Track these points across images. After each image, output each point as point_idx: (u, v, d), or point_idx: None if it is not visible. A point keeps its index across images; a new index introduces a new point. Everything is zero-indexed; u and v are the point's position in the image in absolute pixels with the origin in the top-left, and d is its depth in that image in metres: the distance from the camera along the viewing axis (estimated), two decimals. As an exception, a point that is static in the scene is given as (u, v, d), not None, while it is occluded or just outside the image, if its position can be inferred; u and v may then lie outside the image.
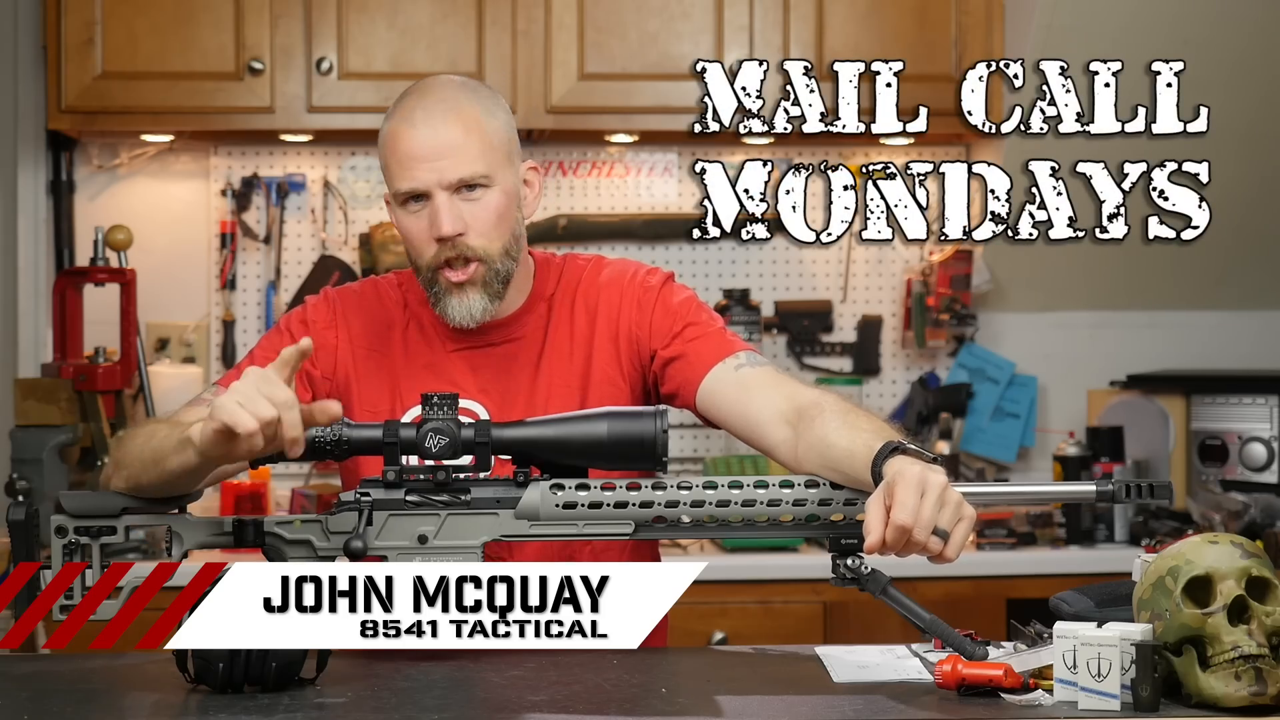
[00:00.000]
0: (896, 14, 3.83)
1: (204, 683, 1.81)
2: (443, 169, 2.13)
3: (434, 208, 2.14)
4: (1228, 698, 1.68)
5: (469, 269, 2.16)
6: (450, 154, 2.14)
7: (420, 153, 2.14)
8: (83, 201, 4.04)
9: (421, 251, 2.17)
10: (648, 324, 2.22)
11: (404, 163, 2.15)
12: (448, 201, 2.14)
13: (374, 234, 4.01)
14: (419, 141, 2.15)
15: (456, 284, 2.16)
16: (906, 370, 4.18)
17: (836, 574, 1.91)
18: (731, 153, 4.01)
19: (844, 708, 1.75)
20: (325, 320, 2.25)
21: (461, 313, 2.17)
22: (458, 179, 2.14)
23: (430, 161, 2.14)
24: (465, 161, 2.14)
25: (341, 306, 2.26)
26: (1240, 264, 4.13)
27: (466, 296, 2.17)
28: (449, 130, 2.15)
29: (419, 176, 2.14)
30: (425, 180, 2.14)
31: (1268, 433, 3.83)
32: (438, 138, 2.14)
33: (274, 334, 2.25)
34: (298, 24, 3.75)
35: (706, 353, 2.17)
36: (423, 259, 2.17)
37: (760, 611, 3.53)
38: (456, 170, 2.14)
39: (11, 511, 1.92)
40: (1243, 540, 1.77)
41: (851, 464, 1.91)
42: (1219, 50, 3.68)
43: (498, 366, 2.22)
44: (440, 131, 2.15)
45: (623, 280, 2.26)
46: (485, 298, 2.17)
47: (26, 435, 3.49)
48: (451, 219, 2.13)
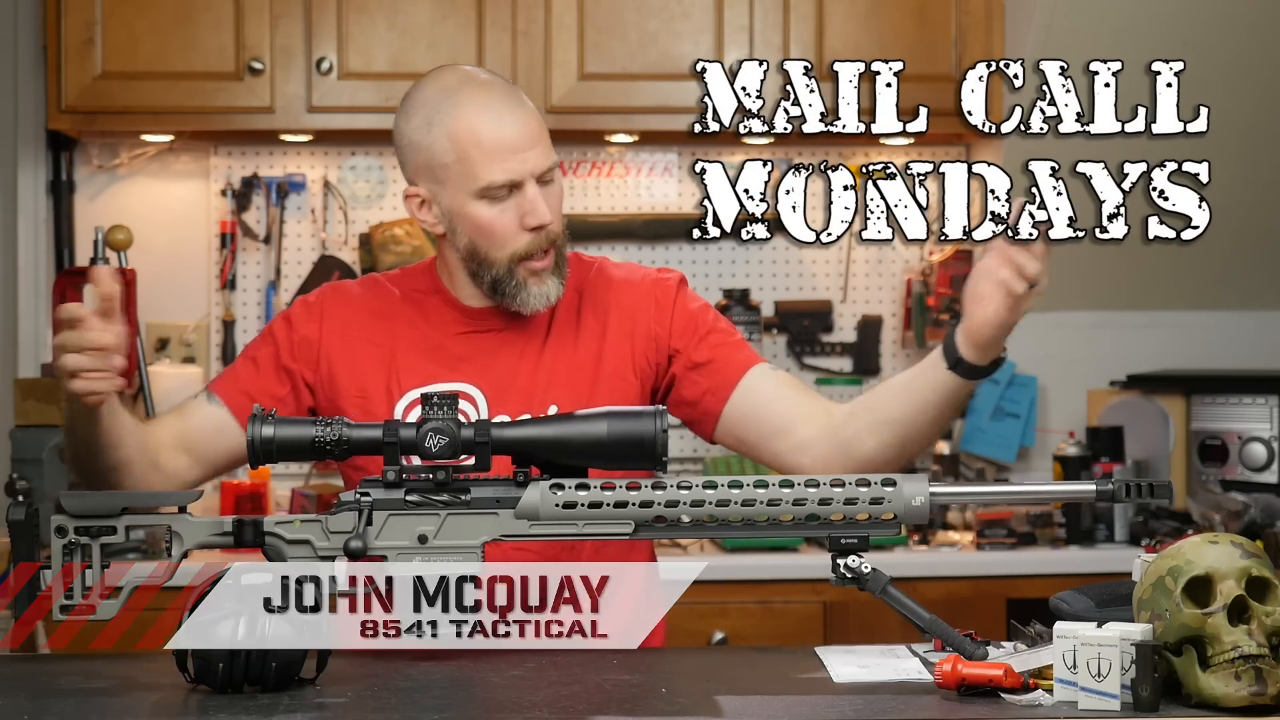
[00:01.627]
0: (896, 14, 3.83)
1: (204, 683, 1.81)
2: (532, 159, 2.18)
3: (528, 198, 2.18)
4: (1228, 698, 1.68)
5: (549, 255, 2.21)
6: (536, 144, 2.19)
7: (512, 143, 2.17)
8: (83, 201, 4.04)
9: (507, 243, 2.19)
10: (668, 323, 2.26)
11: (494, 154, 2.17)
12: (539, 191, 2.18)
13: (374, 234, 4.01)
14: (508, 132, 2.18)
15: (538, 272, 2.20)
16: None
17: (836, 574, 1.91)
18: (731, 153, 4.01)
19: (844, 708, 1.75)
20: (305, 316, 2.28)
21: (541, 299, 2.21)
22: (545, 168, 2.19)
23: (522, 152, 2.17)
24: (547, 151, 2.20)
25: (330, 301, 2.30)
26: (1240, 264, 4.13)
27: (545, 282, 2.21)
28: (529, 121, 2.20)
29: (513, 168, 2.17)
30: (519, 171, 2.17)
31: (1268, 433, 3.83)
32: (523, 128, 2.19)
33: (262, 337, 2.31)
34: (298, 24, 3.75)
35: (737, 360, 2.23)
36: (507, 250, 2.20)
37: (760, 611, 3.53)
38: (543, 160, 2.19)
39: (11, 511, 1.92)
40: (1243, 540, 1.77)
41: (916, 383, 2.10)
42: (1219, 50, 3.68)
43: (496, 351, 2.25)
44: (523, 123, 2.19)
45: (638, 279, 2.30)
46: (557, 280, 2.22)
47: (26, 435, 3.49)
48: (546, 207, 2.18)
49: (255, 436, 1.89)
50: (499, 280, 2.22)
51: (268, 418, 1.90)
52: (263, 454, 1.90)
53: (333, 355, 2.26)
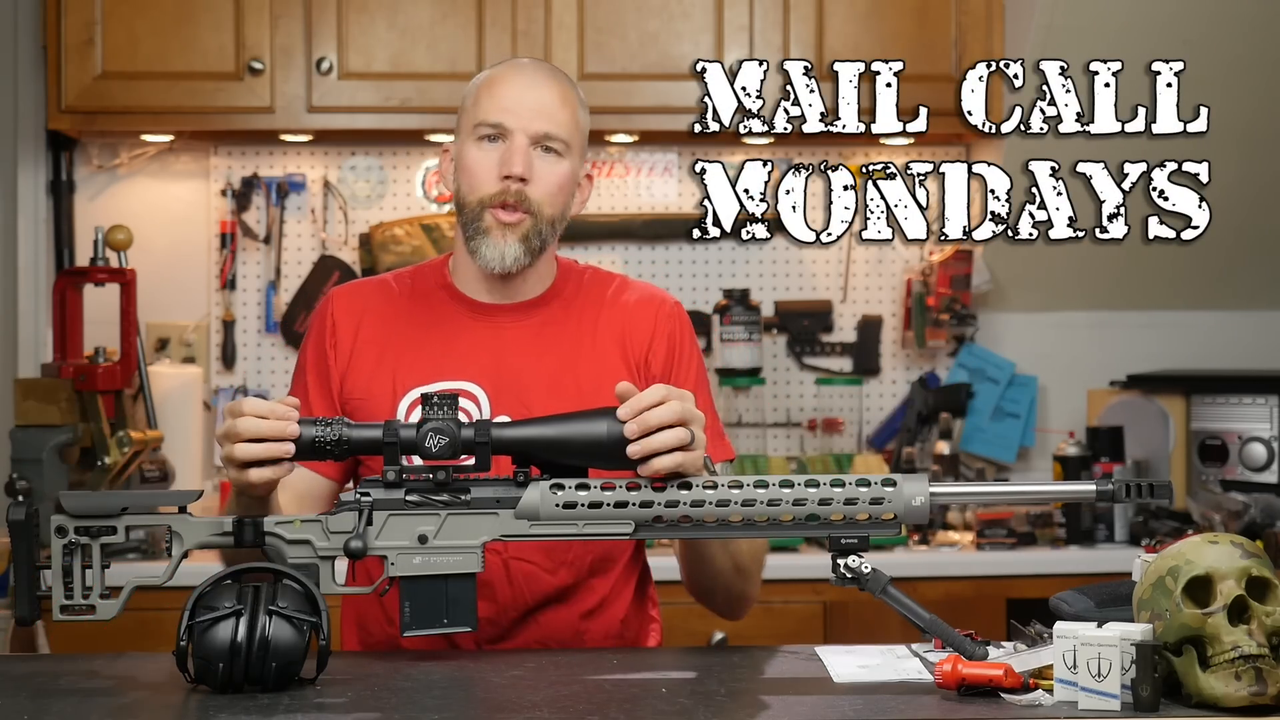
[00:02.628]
0: (896, 14, 3.83)
1: (204, 683, 1.81)
2: (531, 119, 2.22)
3: (511, 147, 2.21)
4: (1228, 698, 1.68)
5: (517, 214, 2.21)
6: (544, 111, 2.23)
7: (518, 96, 2.23)
8: (83, 201, 4.04)
9: (479, 185, 2.22)
10: (669, 366, 2.27)
11: (498, 99, 2.23)
12: (526, 146, 2.21)
13: (374, 234, 4.01)
14: (519, 88, 2.24)
15: (501, 224, 2.21)
16: (906, 370, 4.18)
17: (836, 574, 1.91)
18: (731, 153, 4.01)
19: (844, 708, 1.75)
20: (328, 325, 2.29)
21: (496, 254, 2.22)
22: (543, 132, 2.22)
23: (526, 107, 2.22)
24: (555, 122, 2.23)
25: (340, 301, 2.30)
26: (1240, 264, 4.13)
27: (505, 239, 2.21)
28: (550, 92, 2.25)
29: (509, 115, 2.22)
30: (513, 121, 2.22)
31: (1268, 433, 3.83)
32: (538, 92, 2.24)
33: (298, 372, 2.31)
34: (298, 24, 3.75)
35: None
36: (477, 193, 2.23)
37: (760, 611, 3.51)
38: (544, 124, 2.22)
39: (11, 511, 1.92)
40: (1243, 540, 1.77)
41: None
42: (1219, 50, 3.68)
43: (502, 351, 2.24)
44: (543, 89, 2.25)
45: (652, 309, 2.30)
46: (522, 247, 2.22)
47: (26, 435, 3.49)
48: (524, 162, 2.21)
49: (255, 437, 1.90)
50: (468, 225, 2.23)
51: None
52: (263, 454, 1.91)
53: (345, 355, 2.26)
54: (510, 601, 2.18)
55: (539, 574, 2.19)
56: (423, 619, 1.93)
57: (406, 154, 4.08)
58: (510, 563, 2.18)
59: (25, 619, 1.91)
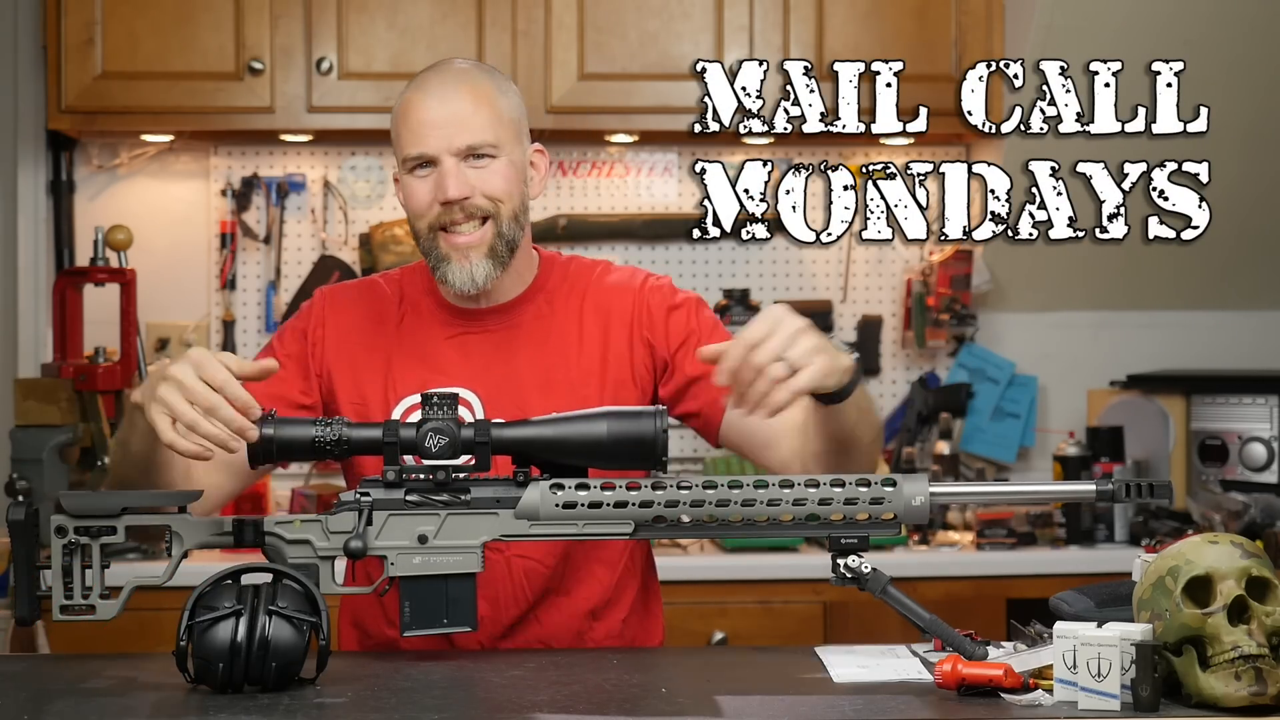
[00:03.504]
0: (896, 14, 3.83)
1: (204, 683, 1.81)
2: (451, 135, 2.18)
3: (441, 172, 2.18)
4: (1228, 698, 1.68)
5: (479, 231, 2.19)
6: (460, 122, 2.18)
7: (431, 119, 2.18)
8: (83, 201, 4.04)
9: (423, 214, 2.20)
10: (662, 331, 2.25)
11: (415, 129, 2.19)
12: (455, 166, 2.18)
13: (374, 234, 4.01)
14: (431, 109, 2.19)
15: (459, 246, 2.18)
16: (906, 370, 4.18)
17: (836, 574, 1.91)
18: (731, 153, 4.01)
19: (844, 708, 1.75)
20: (309, 319, 2.28)
21: (464, 277, 2.19)
22: (466, 145, 2.18)
23: (441, 128, 2.18)
24: (474, 130, 2.19)
25: (334, 303, 2.29)
26: (1240, 264, 4.13)
27: (469, 260, 2.19)
28: (460, 100, 2.20)
29: (428, 141, 2.18)
30: (434, 145, 2.18)
31: (1268, 433, 3.83)
32: (449, 106, 2.19)
33: (274, 339, 2.29)
34: (298, 24, 3.75)
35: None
36: (423, 221, 2.20)
37: (760, 611, 3.53)
38: (465, 137, 2.18)
39: (11, 511, 1.92)
40: (1243, 540, 1.77)
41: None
42: (1219, 50, 3.68)
43: (492, 354, 2.23)
44: (452, 101, 2.19)
45: (634, 285, 2.28)
46: (489, 262, 2.20)
47: (26, 435, 3.49)
48: (458, 183, 2.18)
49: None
50: (427, 253, 2.22)
51: (268, 418, 1.91)
52: (263, 454, 1.91)
53: (331, 364, 2.26)
54: (512, 600, 2.18)
55: (540, 571, 2.19)
56: (423, 619, 1.93)
57: (406, 154, 4.08)
58: (512, 560, 2.18)
59: (25, 619, 1.91)
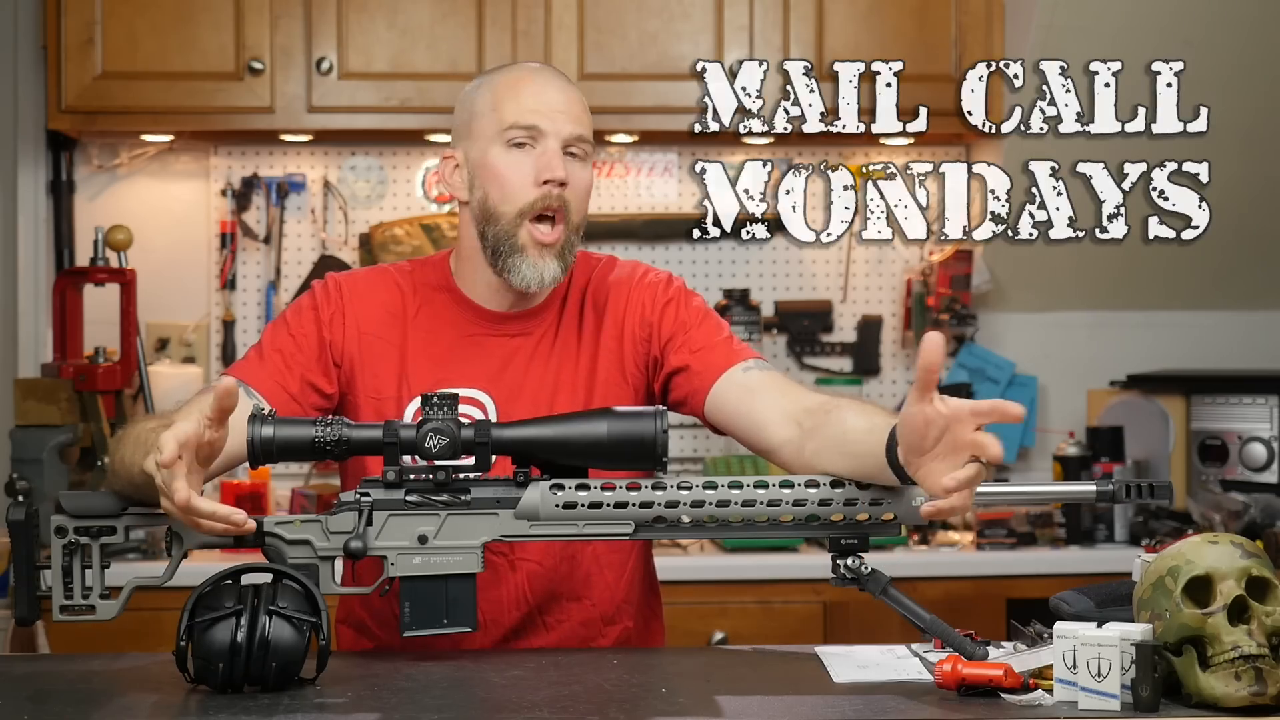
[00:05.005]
0: (896, 14, 3.83)
1: (204, 683, 1.81)
2: (563, 121, 2.17)
3: (548, 151, 2.16)
4: (1228, 698, 1.68)
5: (558, 229, 2.17)
6: (571, 112, 2.18)
7: (547, 98, 2.18)
8: (83, 201, 4.04)
9: (518, 195, 2.16)
10: (655, 325, 2.22)
11: (527, 101, 2.17)
12: (559, 150, 2.17)
13: (374, 234, 4.01)
14: (547, 90, 2.19)
15: (539, 244, 2.15)
16: (906, 370, 4.18)
17: (836, 574, 1.91)
18: (731, 153, 4.01)
19: (844, 708, 1.75)
20: (332, 308, 2.21)
21: (533, 274, 2.16)
22: (574, 134, 2.18)
23: (556, 110, 2.17)
24: (581, 124, 2.19)
25: (350, 291, 2.23)
26: (1240, 264, 4.13)
27: (543, 258, 2.16)
28: (571, 92, 2.21)
29: (542, 116, 2.17)
30: (545, 123, 2.17)
31: (1268, 433, 3.83)
32: (564, 94, 2.20)
33: (279, 324, 2.22)
34: (298, 24, 3.75)
35: (714, 362, 2.16)
36: (514, 203, 2.16)
37: (760, 611, 3.53)
38: (575, 126, 2.18)
39: (11, 511, 1.92)
40: (1243, 540, 1.77)
41: (869, 440, 1.89)
42: (1219, 50, 3.68)
43: (508, 359, 2.20)
44: (564, 91, 2.20)
45: (630, 281, 2.25)
46: (558, 264, 2.18)
47: (26, 435, 3.49)
48: (564, 166, 2.16)
49: (255, 437, 1.89)
50: (501, 239, 2.16)
51: (267, 418, 1.90)
52: (263, 454, 1.90)
53: (353, 355, 2.19)
54: (514, 603, 2.17)
55: (542, 574, 2.18)
56: (423, 619, 1.93)
57: (406, 154, 4.08)
58: (516, 563, 2.17)
59: (25, 619, 1.92)
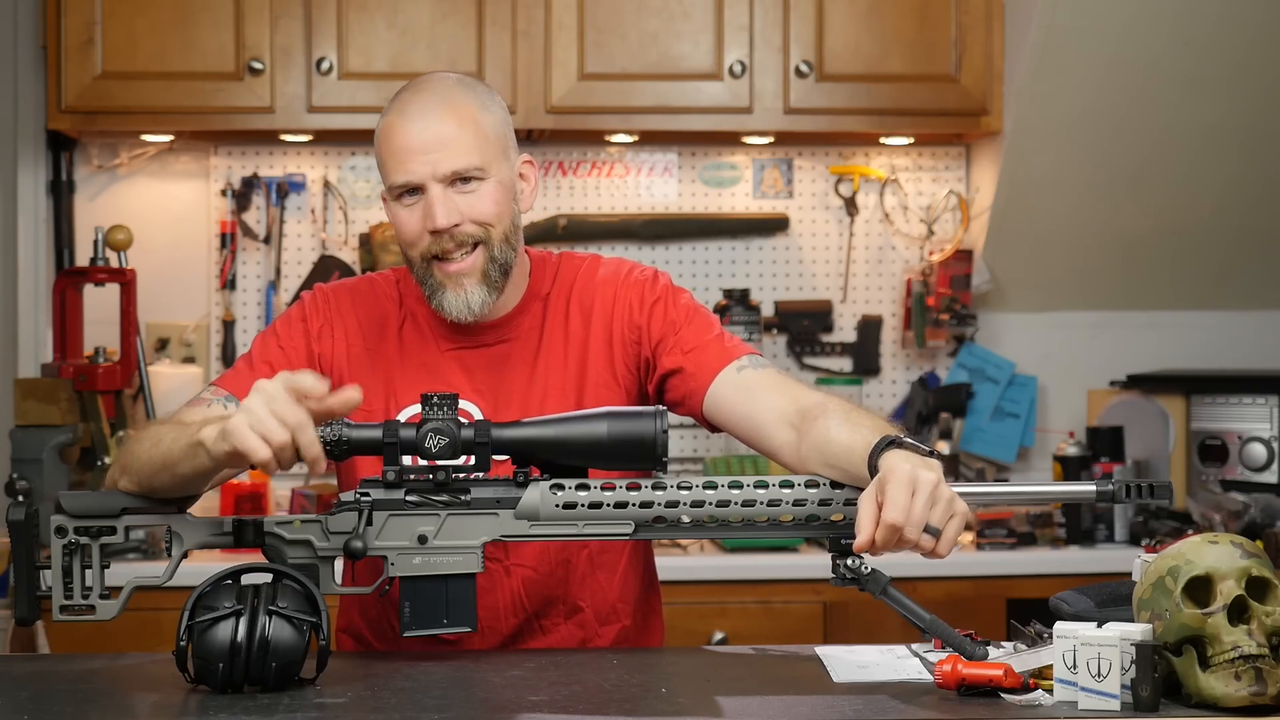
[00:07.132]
0: (896, 14, 3.82)
1: (204, 683, 1.81)
2: (436, 161, 2.11)
3: (428, 200, 2.12)
4: (1228, 698, 1.68)
5: (470, 257, 2.13)
6: (444, 146, 2.12)
7: (414, 145, 2.12)
8: (83, 201, 4.04)
9: (414, 244, 2.14)
10: (645, 326, 2.20)
11: (398, 156, 2.13)
12: (442, 194, 2.12)
13: (374, 234, 4.01)
14: (413, 134, 2.12)
15: (452, 275, 2.13)
16: (906, 370, 4.18)
17: (836, 574, 1.91)
18: (732, 153, 4.01)
19: (844, 708, 1.75)
20: (321, 320, 2.22)
21: (459, 306, 2.14)
22: (451, 171, 2.12)
23: (424, 154, 2.11)
24: (459, 154, 2.12)
25: (336, 304, 2.23)
26: (1240, 264, 4.13)
27: (463, 288, 2.14)
28: (443, 123, 2.13)
29: (413, 169, 2.12)
30: (419, 173, 2.12)
31: (1268, 433, 3.83)
32: (431, 130, 2.12)
33: (268, 335, 2.23)
34: (298, 24, 3.75)
35: (708, 362, 2.14)
36: (415, 250, 2.14)
37: (760, 611, 3.53)
38: (450, 162, 2.11)
39: (11, 511, 1.92)
40: (1243, 540, 1.77)
41: (850, 459, 1.91)
42: (1219, 50, 3.68)
43: (492, 367, 2.20)
44: (434, 124, 2.13)
45: (616, 279, 2.23)
46: (484, 289, 2.14)
47: (26, 435, 3.49)
48: (446, 210, 2.11)
49: (255, 437, 1.89)
50: (422, 280, 2.16)
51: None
52: (263, 455, 1.90)
53: (341, 368, 2.20)
54: (510, 609, 2.17)
55: (537, 579, 2.18)
56: (423, 619, 1.93)
57: (406, 154, 4.08)
58: (511, 569, 2.16)
59: (25, 619, 1.92)
